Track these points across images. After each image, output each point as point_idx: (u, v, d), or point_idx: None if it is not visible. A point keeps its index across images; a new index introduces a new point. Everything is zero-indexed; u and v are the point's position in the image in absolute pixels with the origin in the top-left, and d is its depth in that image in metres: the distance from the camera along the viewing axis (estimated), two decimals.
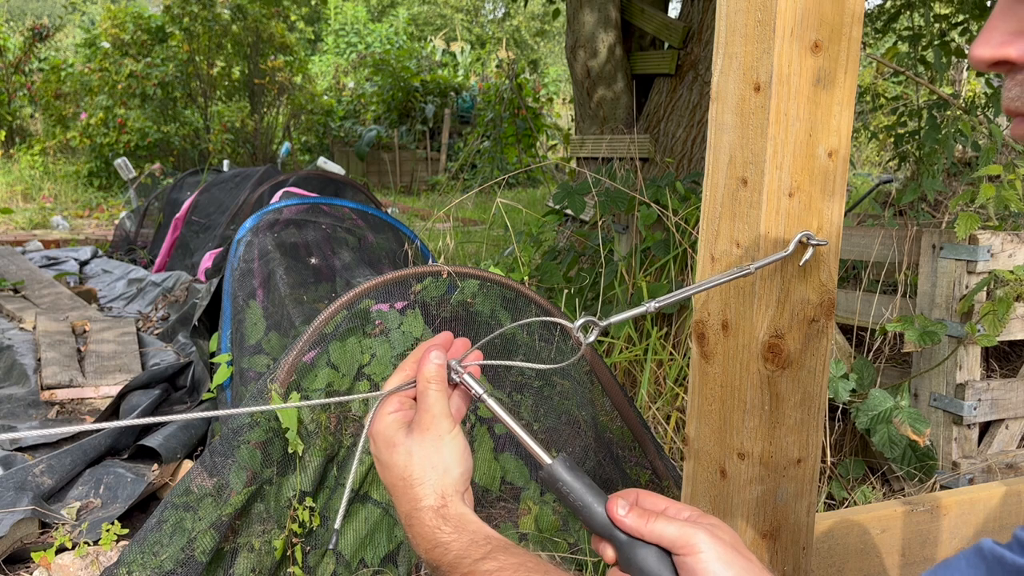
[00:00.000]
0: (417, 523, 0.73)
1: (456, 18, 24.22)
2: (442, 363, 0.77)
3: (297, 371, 1.78)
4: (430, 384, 0.76)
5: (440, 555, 0.70)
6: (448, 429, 0.75)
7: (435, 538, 0.71)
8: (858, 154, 9.43)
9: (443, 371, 0.77)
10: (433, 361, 0.77)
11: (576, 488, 0.72)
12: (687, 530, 0.67)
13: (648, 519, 0.69)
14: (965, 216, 2.26)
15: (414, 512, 0.73)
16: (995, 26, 0.55)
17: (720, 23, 0.98)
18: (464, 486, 0.75)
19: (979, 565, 0.50)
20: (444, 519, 0.72)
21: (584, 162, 4.17)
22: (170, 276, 4.83)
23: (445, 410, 0.76)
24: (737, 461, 0.99)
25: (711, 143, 1.01)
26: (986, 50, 0.55)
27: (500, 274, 2.03)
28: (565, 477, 0.72)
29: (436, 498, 0.73)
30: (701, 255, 1.04)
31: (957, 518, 1.27)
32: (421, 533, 0.72)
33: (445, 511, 0.72)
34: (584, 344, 0.82)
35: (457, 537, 0.70)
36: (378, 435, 0.77)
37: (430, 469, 0.73)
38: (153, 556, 1.60)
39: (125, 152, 11.12)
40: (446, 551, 0.70)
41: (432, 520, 0.72)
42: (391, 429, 0.76)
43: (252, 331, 2.61)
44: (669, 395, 2.61)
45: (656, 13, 3.94)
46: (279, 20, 12.97)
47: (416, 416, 0.76)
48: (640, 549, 0.68)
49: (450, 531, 0.71)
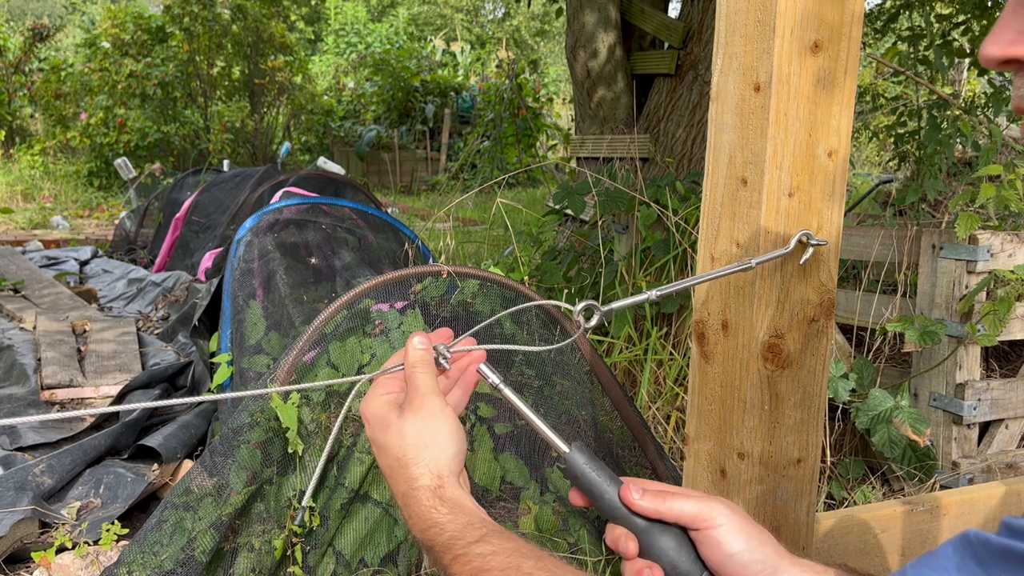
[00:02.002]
0: (413, 502, 0.73)
1: (456, 18, 24.22)
2: (426, 347, 0.79)
3: (297, 371, 1.78)
4: (416, 367, 0.78)
5: (435, 535, 0.70)
6: (440, 407, 0.76)
7: (430, 518, 0.71)
8: (858, 154, 9.43)
9: (428, 355, 0.79)
10: (417, 346, 0.79)
11: (593, 477, 0.72)
12: (705, 504, 0.70)
13: (664, 499, 0.71)
14: (965, 216, 2.26)
15: (410, 492, 0.73)
16: (1005, 25, 0.56)
17: (720, 23, 0.98)
18: (459, 467, 0.76)
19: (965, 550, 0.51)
20: (440, 499, 0.72)
21: (584, 162, 4.18)
22: (170, 276, 4.83)
23: (433, 389, 0.77)
24: (737, 461, 0.99)
25: (711, 143, 1.01)
26: (996, 48, 0.56)
27: (500, 274, 2.03)
28: (583, 467, 0.73)
29: (432, 478, 0.73)
30: (701, 255, 1.04)
31: (957, 518, 1.27)
32: (417, 513, 0.72)
33: (441, 492, 0.72)
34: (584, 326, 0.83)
35: (453, 518, 0.70)
36: (372, 416, 0.78)
37: (423, 448, 0.74)
38: (153, 556, 1.60)
39: (125, 152, 11.13)
40: (441, 531, 0.70)
41: (428, 500, 0.72)
42: (383, 409, 0.77)
43: (252, 331, 2.61)
44: (669, 395, 2.61)
45: (656, 13, 3.94)
46: (279, 20, 12.97)
47: (407, 398, 0.77)
48: (659, 532, 0.69)
49: (446, 512, 0.71)
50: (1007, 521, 0.50)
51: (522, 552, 0.67)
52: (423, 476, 0.73)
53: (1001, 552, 0.48)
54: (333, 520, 1.75)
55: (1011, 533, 0.49)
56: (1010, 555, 0.48)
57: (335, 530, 1.75)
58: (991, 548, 0.49)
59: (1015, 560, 0.47)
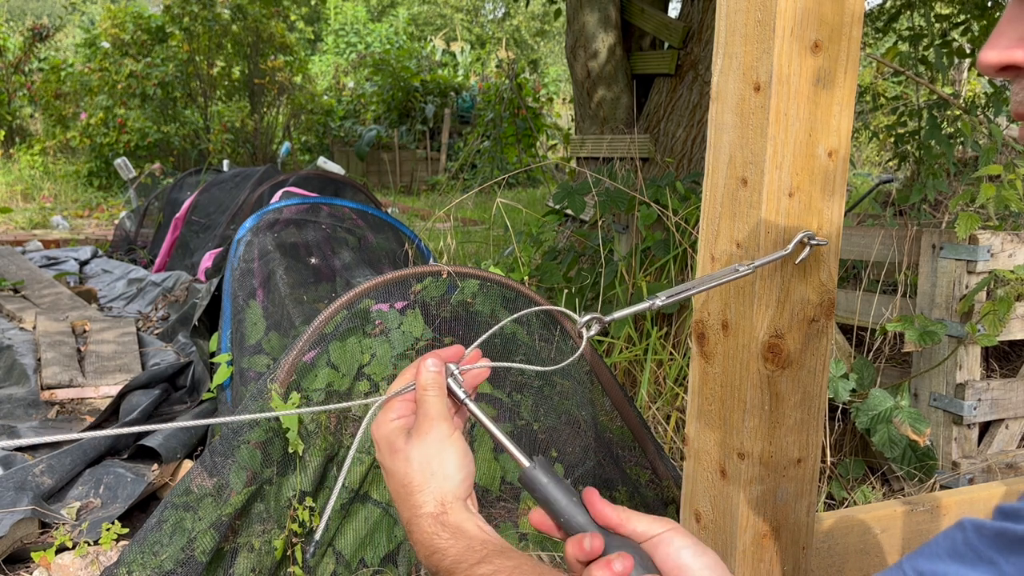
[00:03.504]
0: (416, 529, 0.73)
1: (456, 18, 24.22)
2: (439, 370, 0.78)
3: (297, 371, 1.78)
4: (427, 391, 0.77)
5: (438, 560, 0.71)
6: (448, 433, 0.75)
7: (433, 544, 0.72)
8: (858, 154, 9.43)
9: (440, 377, 0.78)
10: (429, 369, 0.78)
11: (553, 491, 0.73)
12: (659, 523, 0.71)
13: (620, 514, 0.71)
14: (965, 216, 2.26)
15: (413, 519, 0.74)
16: (1003, 31, 0.56)
17: (720, 23, 0.98)
18: (466, 492, 0.76)
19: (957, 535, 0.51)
20: (443, 525, 0.72)
21: (584, 162, 4.17)
22: (170, 276, 4.83)
23: (444, 414, 0.76)
24: (737, 461, 0.99)
25: (711, 143, 1.01)
26: (993, 54, 0.56)
27: (500, 274, 2.03)
28: (543, 480, 0.73)
29: (436, 505, 0.73)
30: (701, 255, 1.04)
31: (957, 518, 1.27)
32: (420, 540, 0.73)
33: (444, 518, 0.73)
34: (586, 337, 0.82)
35: (454, 543, 0.71)
36: (381, 440, 0.78)
37: (430, 476, 0.74)
38: (153, 556, 1.60)
39: (125, 152, 11.12)
40: (443, 556, 0.71)
41: (431, 527, 0.73)
42: (393, 435, 0.77)
43: (252, 331, 2.61)
44: (669, 395, 2.61)
45: (656, 13, 3.94)
46: (279, 20, 12.97)
47: (416, 421, 0.77)
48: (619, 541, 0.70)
49: (447, 537, 0.71)
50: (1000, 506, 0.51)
51: (523, 569, 0.67)
52: (427, 504, 0.73)
53: (996, 533, 0.49)
54: (333, 520, 1.74)
55: (1004, 516, 0.50)
56: (1004, 536, 0.48)
57: (335, 530, 1.75)
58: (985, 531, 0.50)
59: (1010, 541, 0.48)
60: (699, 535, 1.06)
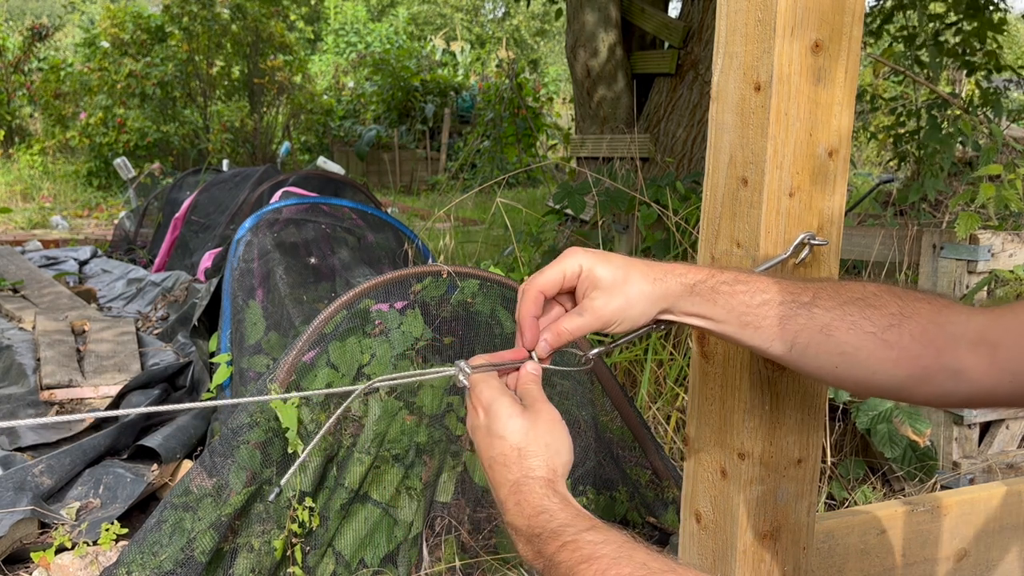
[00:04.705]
0: (527, 490, 0.76)
1: (456, 17, 24.22)
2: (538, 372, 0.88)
3: (297, 371, 1.78)
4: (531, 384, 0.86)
5: (545, 521, 0.73)
6: (559, 417, 0.82)
7: (542, 504, 0.74)
8: (858, 154, 9.43)
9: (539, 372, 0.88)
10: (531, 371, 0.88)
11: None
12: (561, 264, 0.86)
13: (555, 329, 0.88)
14: (965, 216, 2.26)
15: (524, 479, 0.77)
16: None
17: (720, 22, 0.98)
18: (566, 473, 0.80)
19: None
20: (553, 491, 0.76)
21: (584, 162, 4.17)
22: (170, 276, 4.82)
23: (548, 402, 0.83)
24: (737, 461, 0.99)
25: (711, 143, 1.01)
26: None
27: (500, 274, 2.03)
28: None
29: (548, 471, 0.77)
30: (701, 255, 1.04)
31: (958, 518, 1.27)
32: (528, 500, 0.75)
33: (555, 485, 0.77)
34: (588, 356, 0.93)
35: (564, 508, 0.74)
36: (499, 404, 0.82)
37: (544, 446, 0.79)
38: (152, 556, 1.60)
39: (124, 152, 11.12)
40: (551, 517, 0.73)
41: (542, 488, 0.76)
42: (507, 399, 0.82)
43: (252, 331, 2.61)
44: (669, 395, 2.61)
45: (656, 13, 3.94)
46: (279, 20, 12.97)
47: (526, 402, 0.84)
48: None
49: (558, 501, 0.75)
50: None
51: (633, 544, 0.69)
52: (539, 468, 0.77)
53: None
54: (333, 520, 1.74)
55: None
56: None
57: (335, 530, 1.75)
58: None
59: None
60: (699, 535, 1.06)
